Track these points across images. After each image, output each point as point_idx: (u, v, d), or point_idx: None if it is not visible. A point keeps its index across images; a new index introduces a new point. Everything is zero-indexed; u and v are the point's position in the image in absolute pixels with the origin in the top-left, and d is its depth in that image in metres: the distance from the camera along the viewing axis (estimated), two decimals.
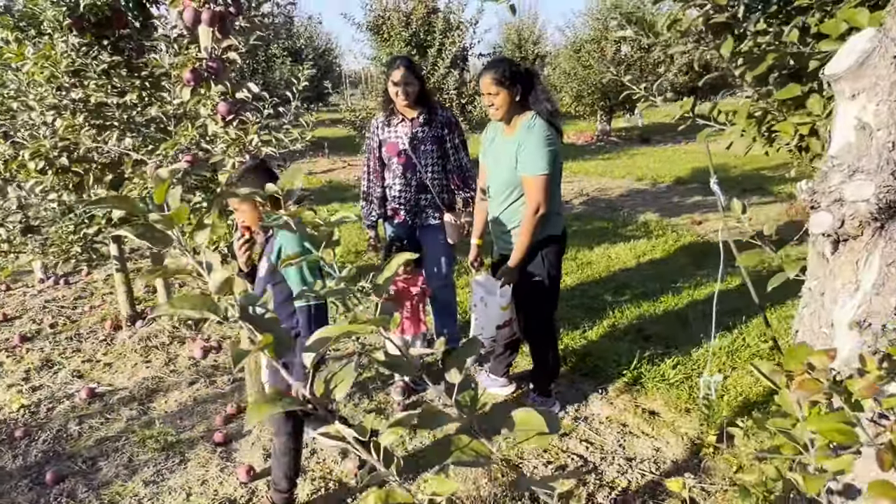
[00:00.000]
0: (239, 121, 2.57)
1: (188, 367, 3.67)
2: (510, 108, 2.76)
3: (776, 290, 1.60)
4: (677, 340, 3.80)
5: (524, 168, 2.72)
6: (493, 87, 2.71)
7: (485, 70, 2.77)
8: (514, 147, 2.75)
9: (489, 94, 2.74)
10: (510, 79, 2.71)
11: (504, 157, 2.82)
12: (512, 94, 2.72)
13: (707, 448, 2.78)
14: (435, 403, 3.26)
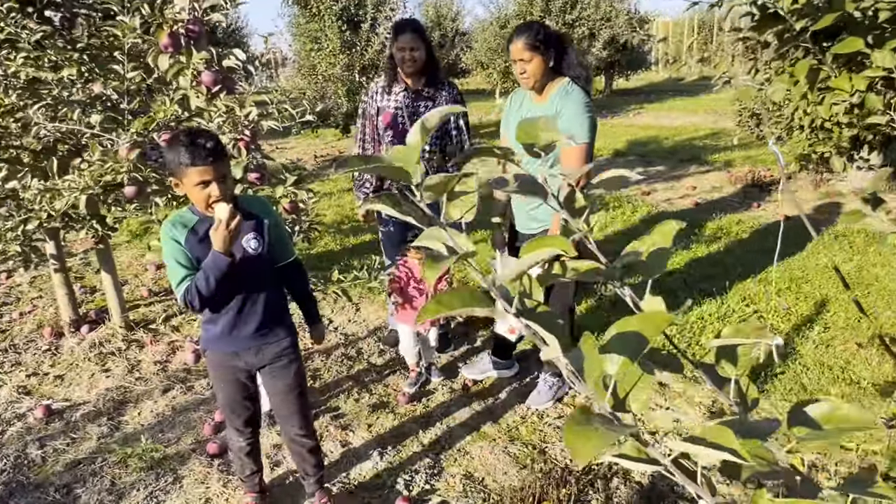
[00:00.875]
0: (227, 92, 2.26)
1: (155, 373, 3.31)
2: (543, 74, 2.61)
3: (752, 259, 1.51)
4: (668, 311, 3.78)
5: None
6: (527, 52, 2.54)
7: (516, 35, 2.58)
8: (551, 113, 2.58)
9: (521, 61, 2.57)
10: (544, 43, 2.55)
11: None
12: (546, 59, 2.58)
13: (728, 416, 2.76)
14: (440, 394, 3.09)
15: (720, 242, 5.04)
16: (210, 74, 2.23)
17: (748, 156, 8.12)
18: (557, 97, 2.60)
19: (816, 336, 3.40)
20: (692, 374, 3.13)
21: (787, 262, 4.52)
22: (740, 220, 5.57)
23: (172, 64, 2.21)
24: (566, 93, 2.60)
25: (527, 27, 2.59)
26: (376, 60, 8.99)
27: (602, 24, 14.37)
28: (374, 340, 3.63)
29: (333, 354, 3.47)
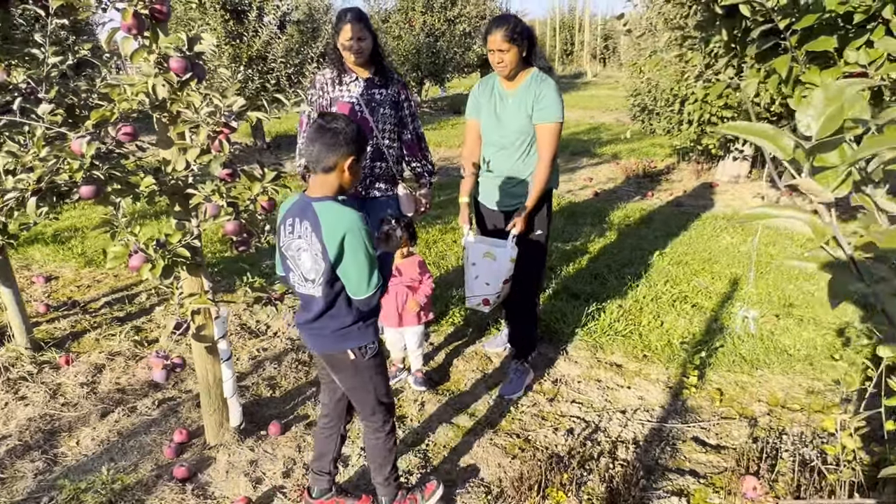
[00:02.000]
0: (198, 80, 2.05)
1: (84, 396, 2.94)
2: (517, 64, 2.73)
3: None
4: (602, 296, 3.97)
5: (544, 116, 2.73)
6: (505, 43, 2.65)
7: (495, 27, 2.68)
8: (528, 97, 2.75)
9: (500, 51, 2.68)
10: (520, 35, 2.68)
11: (516, 108, 2.79)
12: (520, 50, 2.70)
13: (689, 389, 2.96)
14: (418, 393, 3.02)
15: (629, 229, 5.36)
16: (180, 60, 2.00)
17: (632, 148, 8.71)
18: (533, 83, 2.76)
19: (737, 311, 3.73)
20: (643, 353, 3.31)
21: (693, 245, 4.90)
22: (642, 209, 5.96)
23: (138, 48, 1.97)
24: (542, 79, 2.77)
25: (504, 20, 2.68)
26: (264, 52, 8.57)
27: (479, 22, 14.73)
28: None
29: (285, 360, 3.28)
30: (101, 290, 4.28)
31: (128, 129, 2.05)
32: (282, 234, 1.91)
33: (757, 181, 6.81)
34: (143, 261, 2.04)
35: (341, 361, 1.99)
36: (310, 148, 1.81)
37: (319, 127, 1.80)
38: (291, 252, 1.89)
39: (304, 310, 1.98)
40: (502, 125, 2.84)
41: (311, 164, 1.82)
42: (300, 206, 1.86)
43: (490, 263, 2.78)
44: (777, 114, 5.90)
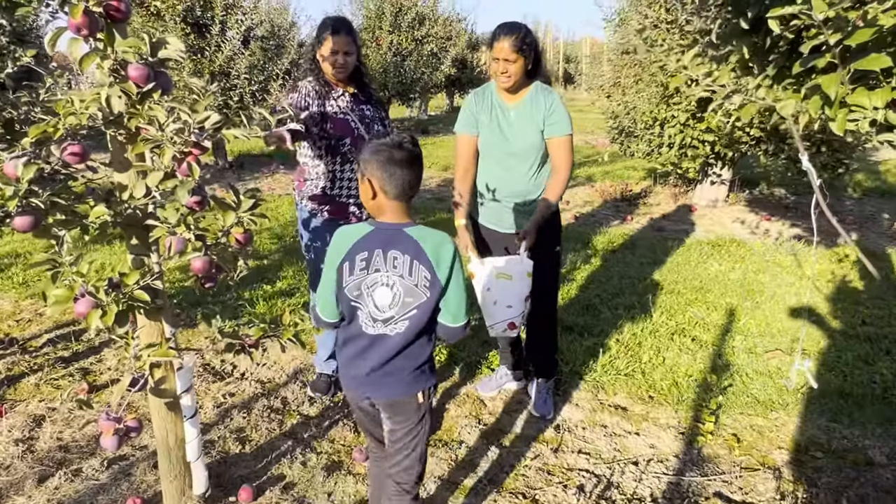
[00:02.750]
0: (162, 92, 1.73)
1: (19, 456, 2.52)
2: (521, 77, 2.56)
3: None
4: (596, 329, 3.73)
5: (557, 129, 2.59)
6: (513, 53, 2.47)
7: (503, 34, 2.46)
8: (536, 110, 2.60)
9: (506, 61, 2.48)
10: (529, 46, 2.50)
11: (524, 122, 2.63)
12: (527, 62, 2.53)
13: (704, 436, 2.71)
14: None
15: (614, 256, 5.17)
16: (140, 68, 1.68)
17: (606, 171, 8.60)
18: (540, 95, 2.61)
19: (740, 345, 3.53)
20: (648, 393, 3.07)
21: (681, 273, 4.72)
22: (625, 234, 5.78)
23: (89, 52, 1.64)
24: (547, 91, 2.64)
25: (515, 28, 2.48)
26: (227, 68, 8.20)
27: (445, 42, 14.62)
28: (299, 387, 3.12)
29: (255, 408, 2.92)
30: (45, 326, 3.83)
31: (75, 149, 1.71)
32: (346, 272, 1.69)
33: (735, 205, 6.73)
34: (92, 306, 1.69)
35: (408, 405, 1.77)
36: (405, 175, 1.66)
37: (410, 153, 1.67)
38: (362, 290, 1.69)
39: (362, 356, 1.74)
40: (509, 141, 2.65)
41: (405, 191, 1.67)
42: (382, 237, 1.68)
43: (506, 284, 2.53)
44: (756, 137, 5.84)
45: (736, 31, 2.31)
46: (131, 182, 1.82)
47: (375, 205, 1.71)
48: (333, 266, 1.71)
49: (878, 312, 3.88)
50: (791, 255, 5.08)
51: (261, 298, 4.14)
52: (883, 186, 7.46)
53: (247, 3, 8.98)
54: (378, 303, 1.68)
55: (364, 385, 1.77)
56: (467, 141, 2.74)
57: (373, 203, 1.71)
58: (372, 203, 1.71)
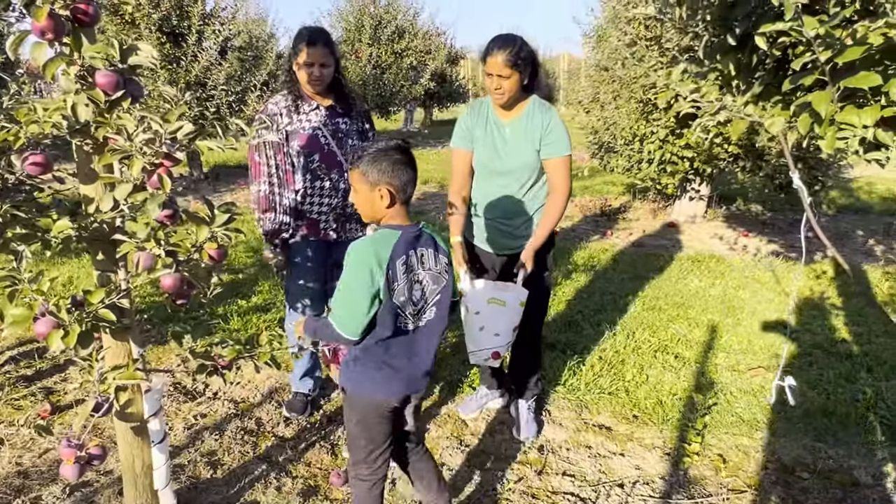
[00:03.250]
0: (132, 100, 1.65)
1: None
2: (516, 92, 2.46)
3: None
4: (579, 346, 3.68)
5: (554, 150, 2.47)
6: (507, 68, 2.36)
7: (497, 48, 2.36)
8: (533, 128, 2.49)
9: (499, 77, 2.38)
10: (524, 60, 2.39)
11: (520, 139, 2.52)
12: (522, 77, 2.43)
13: (690, 457, 2.66)
14: None
15: (595, 272, 5.14)
16: (109, 75, 1.59)
17: (585, 186, 8.62)
18: (537, 112, 2.51)
19: (723, 362, 3.50)
20: (633, 412, 3.02)
21: (662, 288, 4.71)
22: (605, 249, 5.77)
23: (54, 57, 1.55)
24: (546, 107, 2.53)
25: (509, 41, 2.38)
26: (203, 78, 8.08)
27: (424, 56, 14.63)
28: (274, 407, 3.01)
29: (228, 430, 2.81)
30: (6, 343, 3.67)
31: (37, 159, 1.61)
32: (392, 281, 1.71)
33: (713, 221, 6.77)
34: (53, 326, 1.59)
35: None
36: (405, 174, 1.75)
37: (407, 152, 1.77)
38: (405, 293, 1.74)
39: (411, 355, 1.82)
40: (503, 159, 2.56)
41: (407, 191, 1.77)
42: (408, 238, 1.75)
43: (497, 311, 2.42)
44: (734, 154, 5.89)
45: (722, 47, 2.29)
46: (98, 194, 1.73)
47: (391, 212, 1.76)
48: (373, 283, 1.69)
49: (856, 329, 3.89)
50: (770, 271, 5.10)
51: (235, 314, 4.02)
52: (857, 204, 7.58)
53: (224, 14, 8.90)
54: (415, 299, 1.77)
55: (420, 380, 1.87)
56: (463, 156, 2.65)
57: (388, 210, 1.76)
58: (388, 211, 1.76)
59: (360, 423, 1.87)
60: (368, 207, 1.79)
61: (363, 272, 1.68)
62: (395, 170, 1.73)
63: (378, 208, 1.77)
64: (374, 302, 1.70)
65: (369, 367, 1.81)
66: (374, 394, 1.83)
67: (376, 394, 1.83)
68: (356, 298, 1.69)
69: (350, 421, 1.91)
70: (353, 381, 1.84)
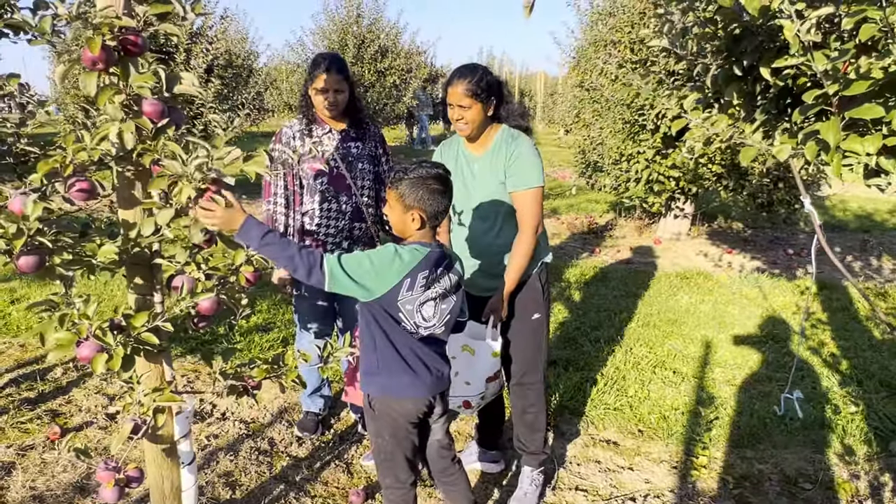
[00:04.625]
0: (175, 127, 1.69)
1: None
2: (481, 123, 2.34)
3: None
4: (580, 362, 3.76)
5: (520, 182, 2.29)
6: (466, 99, 2.26)
7: (457, 79, 2.28)
8: (498, 160, 2.34)
9: (460, 107, 2.28)
10: (486, 90, 2.29)
11: (486, 175, 2.37)
12: (486, 107, 2.32)
13: (697, 470, 2.74)
14: None
15: (588, 289, 5.24)
16: (155, 104, 1.64)
17: (570, 204, 8.77)
18: (503, 143, 2.36)
19: (720, 377, 3.61)
20: (638, 427, 3.10)
21: (654, 305, 4.82)
22: (595, 266, 5.88)
23: (104, 86, 1.58)
24: (512, 137, 2.36)
25: (469, 71, 2.30)
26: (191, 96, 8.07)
27: (406, 75, 14.77)
28: (286, 427, 3.03)
29: (242, 450, 2.81)
30: (5, 364, 3.62)
31: (83, 185, 1.64)
32: (404, 287, 1.81)
33: (697, 238, 6.95)
34: (97, 350, 1.61)
35: None
36: (440, 203, 1.84)
37: (446, 182, 1.87)
38: (413, 306, 1.84)
39: (428, 358, 1.93)
40: (472, 195, 2.41)
41: (439, 218, 1.88)
42: (436, 257, 1.87)
43: (468, 358, 2.31)
44: (717, 173, 6.07)
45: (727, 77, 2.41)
46: (139, 219, 1.76)
47: (419, 233, 1.85)
48: (388, 268, 1.77)
49: (843, 343, 4.04)
50: (756, 287, 5.25)
51: (237, 333, 4.02)
52: (832, 221, 7.84)
53: (211, 33, 8.92)
54: (425, 315, 1.85)
55: (442, 382, 1.97)
56: None
57: (417, 231, 1.84)
58: (416, 231, 1.85)
59: (392, 434, 1.93)
60: (399, 225, 1.89)
61: (389, 254, 1.78)
62: (432, 199, 1.82)
63: (408, 228, 1.87)
64: (373, 277, 1.76)
65: (394, 371, 1.89)
66: (403, 394, 1.90)
67: (405, 394, 1.90)
68: (366, 259, 1.77)
69: (380, 436, 1.95)
70: (382, 385, 1.91)
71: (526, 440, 2.56)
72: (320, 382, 3.02)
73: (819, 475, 2.70)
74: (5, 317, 4.35)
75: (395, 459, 1.95)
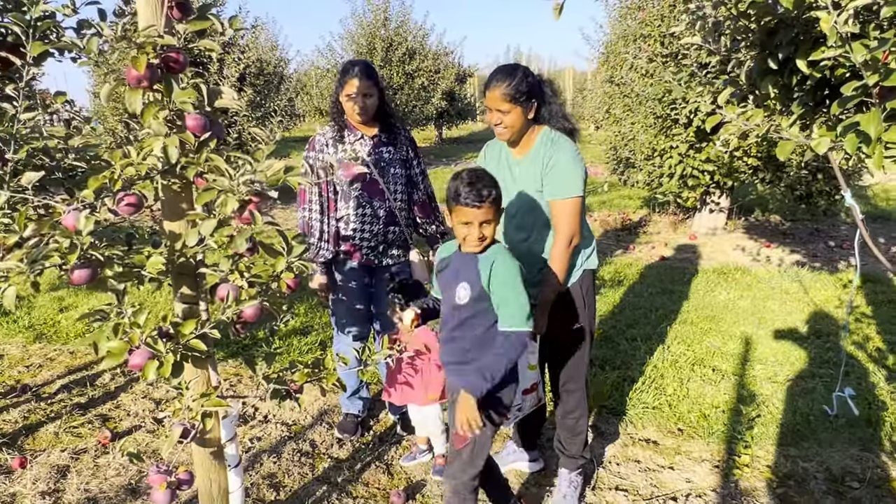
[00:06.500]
0: (217, 140, 1.74)
1: None
2: (521, 127, 2.28)
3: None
4: (617, 360, 3.74)
5: (556, 191, 2.23)
6: (505, 103, 2.20)
7: (495, 81, 2.21)
8: (536, 168, 2.27)
9: (499, 112, 2.22)
10: (526, 93, 2.21)
11: (526, 181, 2.32)
12: (526, 111, 2.24)
13: (740, 469, 2.71)
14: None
15: (623, 287, 5.20)
16: (198, 118, 1.69)
17: (603, 201, 8.70)
18: (542, 147, 2.29)
19: (760, 374, 3.55)
20: (677, 426, 3.07)
21: (691, 302, 4.76)
22: (630, 264, 5.83)
23: (148, 103, 1.65)
24: (552, 141, 2.29)
25: (508, 73, 2.22)
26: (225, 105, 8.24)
27: (434, 76, 14.84)
28: (326, 429, 3.08)
29: (284, 452, 2.88)
30: (56, 371, 3.76)
31: (131, 199, 1.70)
32: None
33: (734, 232, 6.82)
34: (148, 357, 1.67)
35: None
36: None
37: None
38: None
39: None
40: (512, 201, 2.37)
41: None
42: None
43: None
44: (753, 166, 5.96)
45: (762, 70, 2.38)
46: (184, 230, 1.82)
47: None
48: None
49: (889, 338, 3.93)
50: (796, 281, 5.14)
51: (277, 338, 4.10)
52: (875, 211, 7.62)
53: (242, 42, 9.09)
54: None
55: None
56: None
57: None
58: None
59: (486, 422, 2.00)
60: (491, 232, 1.96)
61: (515, 266, 1.94)
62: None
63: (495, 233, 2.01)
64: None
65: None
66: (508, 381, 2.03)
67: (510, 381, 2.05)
68: (521, 288, 1.93)
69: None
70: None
71: (566, 443, 2.56)
72: (359, 385, 3.07)
73: (867, 473, 2.64)
74: (55, 325, 4.51)
75: (487, 447, 2.06)
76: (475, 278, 1.95)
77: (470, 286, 1.96)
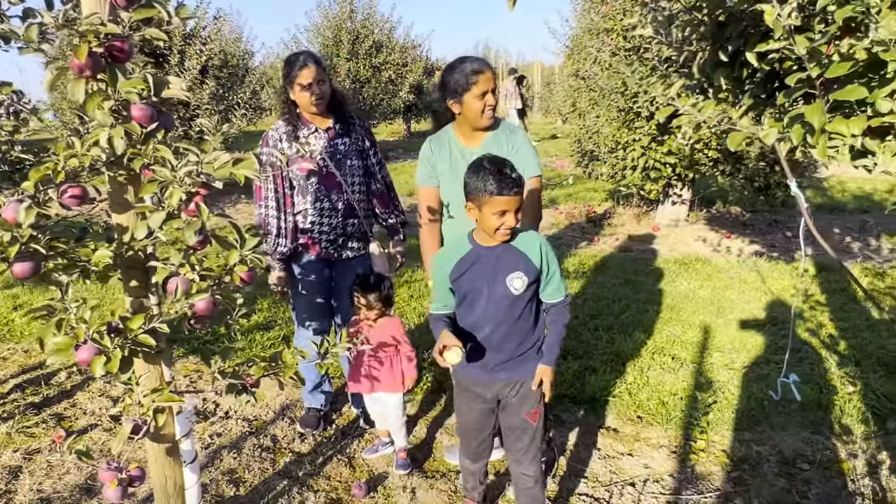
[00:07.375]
0: (165, 131, 1.71)
1: None
2: None
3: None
4: (579, 350, 3.78)
5: (528, 170, 2.33)
6: (494, 82, 2.32)
7: (486, 65, 2.32)
8: (501, 152, 2.27)
9: (493, 93, 2.31)
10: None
11: None
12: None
13: (696, 454, 2.77)
14: None
15: (587, 277, 5.26)
16: (144, 108, 1.65)
17: (568, 193, 8.77)
18: (502, 134, 2.41)
19: (718, 361, 3.63)
20: (637, 413, 3.12)
21: (653, 292, 4.84)
22: (593, 255, 5.90)
23: (92, 93, 1.60)
24: (512, 129, 2.46)
25: (486, 61, 2.38)
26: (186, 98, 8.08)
27: (402, 69, 14.76)
28: (288, 424, 3.06)
29: (245, 448, 2.85)
30: (9, 370, 3.66)
31: (76, 191, 1.66)
32: None
33: (695, 224, 6.95)
34: (95, 353, 1.64)
35: None
36: None
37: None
38: None
39: None
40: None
41: None
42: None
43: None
44: (713, 158, 6.07)
45: (714, 63, 2.42)
46: (131, 223, 1.78)
47: None
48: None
49: (841, 325, 4.05)
50: (754, 271, 5.26)
51: (238, 333, 4.05)
52: (830, 203, 7.83)
53: (204, 34, 8.91)
54: None
55: None
56: (431, 194, 2.49)
57: None
58: None
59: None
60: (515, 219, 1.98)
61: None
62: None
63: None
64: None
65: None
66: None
67: None
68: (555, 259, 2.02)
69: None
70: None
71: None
72: (320, 379, 3.05)
73: (817, 455, 2.73)
74: (9, 323, 4.39)
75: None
76: (527, 265, 1.95)
77: (525, 273, 1.95)
